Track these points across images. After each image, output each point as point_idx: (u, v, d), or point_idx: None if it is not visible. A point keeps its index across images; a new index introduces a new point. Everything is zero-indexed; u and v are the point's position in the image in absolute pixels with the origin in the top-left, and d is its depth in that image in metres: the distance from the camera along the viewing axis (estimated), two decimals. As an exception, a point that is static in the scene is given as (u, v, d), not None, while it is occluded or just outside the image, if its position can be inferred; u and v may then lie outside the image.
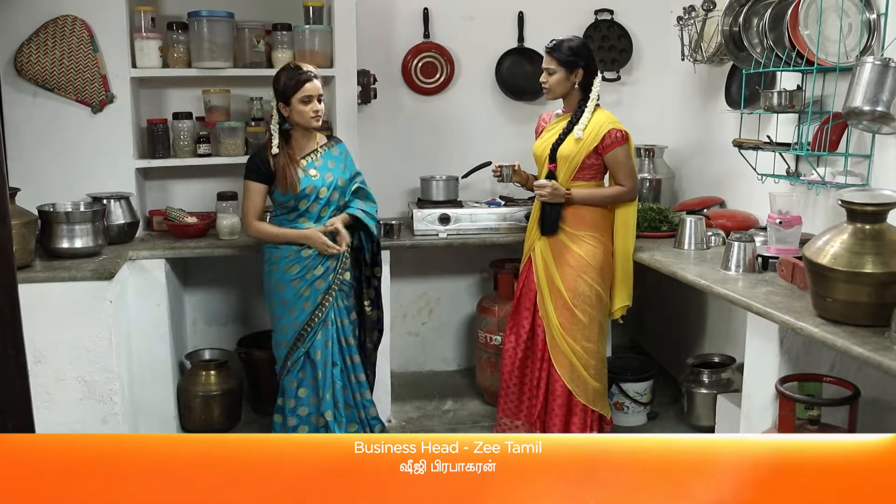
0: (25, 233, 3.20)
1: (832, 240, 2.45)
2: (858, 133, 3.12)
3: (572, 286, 3.45)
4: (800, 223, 3.17)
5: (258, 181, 3.35)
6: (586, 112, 3.40)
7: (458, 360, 4.88)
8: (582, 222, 3.46)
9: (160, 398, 3.79)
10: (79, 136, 3.84)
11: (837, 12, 3.06)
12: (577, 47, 3.40)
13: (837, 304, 2.42)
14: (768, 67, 3.35)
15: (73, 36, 3.74)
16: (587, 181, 3.46)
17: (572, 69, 3.38)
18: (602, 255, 3.49)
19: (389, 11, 4.47)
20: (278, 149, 3.32)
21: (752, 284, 2.98)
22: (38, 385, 3.14)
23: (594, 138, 3.38)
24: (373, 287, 3.58)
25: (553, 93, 3.46)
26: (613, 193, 3.47)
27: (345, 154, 3.47)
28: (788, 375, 2.71)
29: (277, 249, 3.39)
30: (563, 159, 3.43)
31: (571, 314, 3.46)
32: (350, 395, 3.48)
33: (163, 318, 3.73)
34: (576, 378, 3.49)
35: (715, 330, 4.26)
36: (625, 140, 3.40)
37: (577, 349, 3.47)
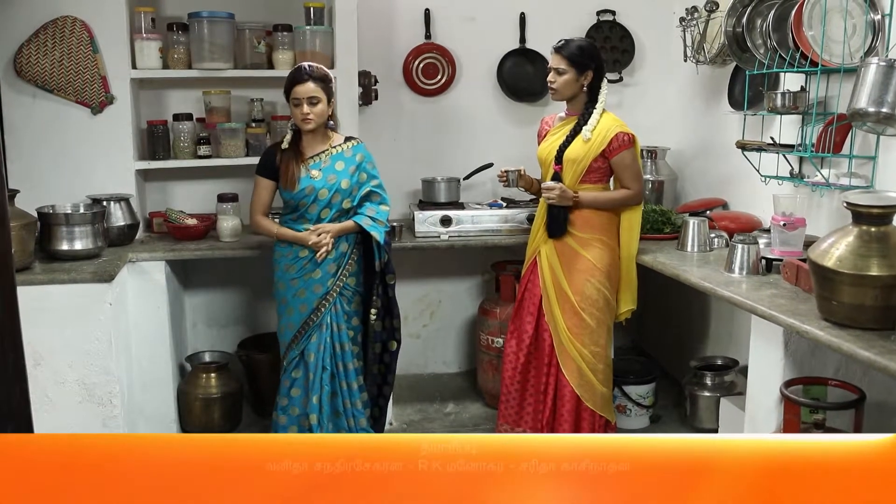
0: (25, 235, 3.18)
1: (837, 242, 2.43)
2: (863, 134, 3.10)
3: (580, 290, 3.43)
4: (804, 225, 3.15)
5: (265, 177, 3.38)
6: (595, 114, 3.37)
7: (459, 363, 4.87)
8: (589, 226, 3.44)
9: (160, 401, 3.77)
10: (78, 137, 3.82)
11: (841, 13, 3.04)
12: (587, 48, 3.37)
13: (843, 307, 2.40)
14: (772, 68, 3.33)
15: (73, 37, 3.73)
16: (593, 184, 3.44)
17: (583, 70, 3.34)
18: (609, 258, 3.47)
19: (390, 12, 4.45)
20: (288, 145, 3.35)
21: (756, 287, 2.96)
22: (37, 388, 3.13)
23: (602, 141, 3.35)
24: (380, 296, 3.46)
25: (560, 94, 3.40)
26: (621, 197, 3.44)
27: (360, 156, 3.39)
28: (793, 379, 2.69)
29: (280, 248, 3.41)
30: (569, 162, 3.40)
31: (580, 318, 3.43)
32: (339, 402, 3.43)
33: (163, 320, 3.72)
34: (584, 383, 3.46)
35: (717, 332, 4.25)
36: (632, 143, 3.38)
37: (586, 353, 3.45)
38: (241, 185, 4.17)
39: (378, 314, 3.46)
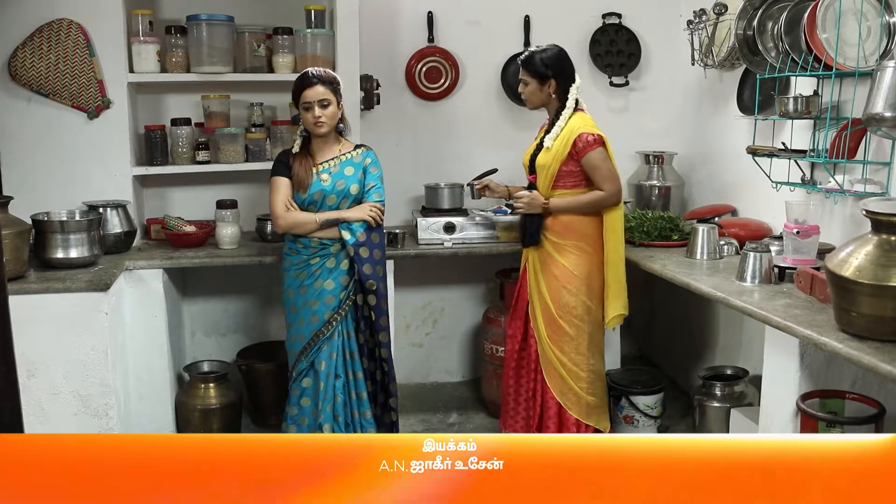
0: (18, 243, 3.13)
1: (856, 251, 2.35)
2: (877, 140, 3.04)
3: (557, 297, 3.41)
4: (817, 233, 3.07)
5: (283, 175, 3.34)
6: (560, 121, 3.38)
7: (462, 372, 4.79)
8: (566, 231, 3.41)
9: (157, 412, 3.70)
10: (74, 142, 3.75)
11: (856, 15, 2.98)
12: (548, 58, 3.38)
13: (862, 319, 2.32)
14: (784, 72, 3.26)
15: (69, 40, 3.65)
16: (569, 189, 3.40)
17: (544, 80, 3.38)
18: (587, 265, 3.41)
19: (393, 15, 4.38)
20: (299, 149, 3.34)
21: (769, 296, 2.88)
22: (31, 400, 3.09)
23: (565, 145, 3.33)
24: (363, 316, 3.35)
25: (531, 102, 3.49)
26: (593, 199, 3.38)
27: (369, 161, 3.37)
28: (810, 392, 2.61)
29: (289, 256, 3.37)
30: (540, 168, 3.42)
31: (558, 326, 3.42)
32: (349, 413, 3.39)
33: (160, 329, 3.65)
34: (566, 391, 3.44)
35: (726, 340, 4.17)
36: (599, 143, 3.32)
37: (566, 361, 3.42)
38: (240, 192, 4.11)
39: (363, 331, 3.38)
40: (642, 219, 3.88)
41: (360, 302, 3.34)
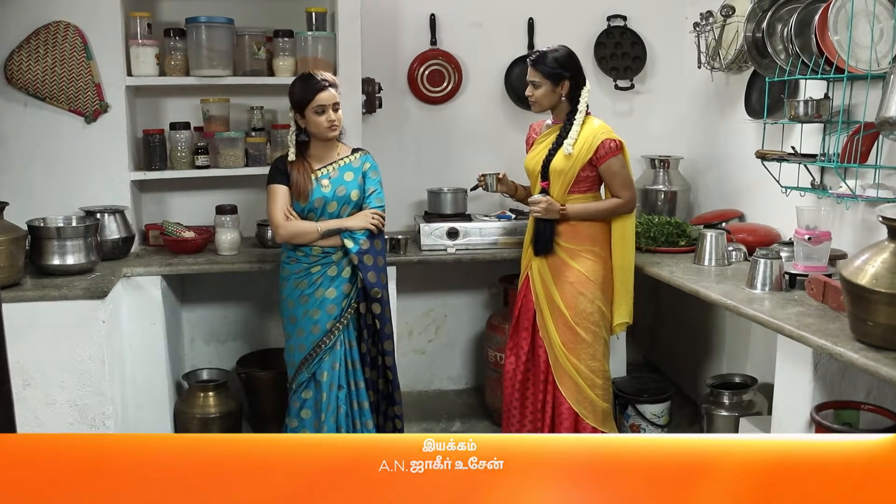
0: (14, 249, 3.08)
1: (872, 259, 2.29)
2: (889, 144, 2.98)
3: (573, 304, 3.33)
4: (829, 239, 3.02)
5: (281, 183, 3.24)
6: (575, 125, 3.28)
7: (465, 379, 4.73)
8: (580, 237, 3.34)
9: (156, 421, 3.64)
10: (71, 147, 3.70)
11: (868, 17, 2.93)
12: (561, 58, 3.29)
13: (879, 329, 2.26)
14: (794, 75, 3.20)
15: (66, 43, 3.60)
16: (583, 193, 3.34)
17: (558, 81, 3.28)
18: (602, 270, 3.36)
19: (395, 18, 4.33)
20: (294, 157, 3.25)
21: (780, 304, 2.82)
22: (27, 409, 3.04)
23: (588, 150, 3.25)
24: (366, 325, 3.30)
25: (540, 105, 3.36)
26: (611, 206, 3.33)
27: (368, 165, 3.31)
28: (824, 403, 2.55)
29: (288, 265, 3.29)
30: (556, 174, 3.32)
31: (574, 333, 3.34)
32: (351, 424, 3.32)
33: (158, 337, 3.59)
34: (582, 399, 3.37)
35: (734, 348, 4.10)
36: (619, 150, 3.27)
37: (583, 369, 3.35)
38: (240, 197, 4.06)
39: (367, 341, 3.32)
40: (648, 224, 3.83)
41: (363, 310, 3.28)
